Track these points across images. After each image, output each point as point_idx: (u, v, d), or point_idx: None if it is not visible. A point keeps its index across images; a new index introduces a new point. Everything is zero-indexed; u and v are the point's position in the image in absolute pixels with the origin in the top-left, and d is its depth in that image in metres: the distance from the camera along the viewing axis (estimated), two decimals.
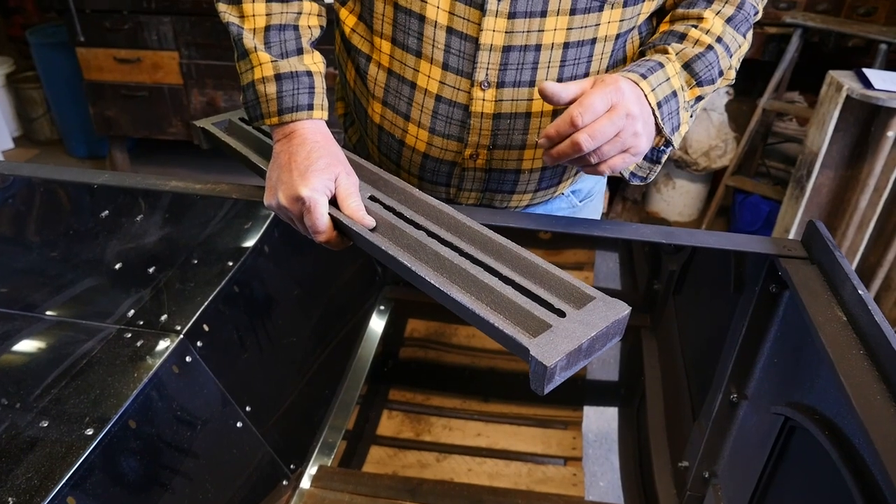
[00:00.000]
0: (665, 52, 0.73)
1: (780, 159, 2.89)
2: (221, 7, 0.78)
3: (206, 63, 2.76)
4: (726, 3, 0.76)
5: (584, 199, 0.98)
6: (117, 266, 0.88)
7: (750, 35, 0.79)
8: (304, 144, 0.72)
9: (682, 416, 1.03)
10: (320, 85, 0.76)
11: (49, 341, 0.79)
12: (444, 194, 0.89)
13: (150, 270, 0.87)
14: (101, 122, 2.97)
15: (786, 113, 2.71)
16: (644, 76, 0.68)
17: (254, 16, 0.75)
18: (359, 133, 0.97)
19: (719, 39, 0.75)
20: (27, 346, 0.79)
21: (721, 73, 0.76)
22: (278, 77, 0.73)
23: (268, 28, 0.75)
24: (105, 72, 2.83)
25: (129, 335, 0.78)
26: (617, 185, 2.97)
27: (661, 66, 0.71)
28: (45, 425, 0.65)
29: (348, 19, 0.84)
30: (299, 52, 0.75)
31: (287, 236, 1.06)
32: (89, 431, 0.65)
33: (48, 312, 0.82)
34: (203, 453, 0.82)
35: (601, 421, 1.37)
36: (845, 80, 1.96)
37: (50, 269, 0.90)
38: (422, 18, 0.75)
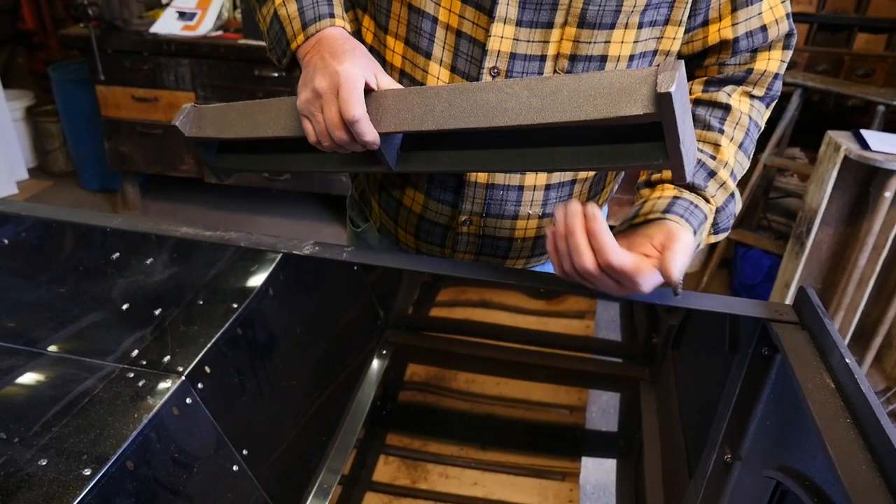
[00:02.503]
0: (706, 199, 0.73)
1: (781, 213, 2.92)
2: None
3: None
4: (737, 125, 0.77)
5: None
6: (124, 306, 0.90)
7: (752, 153, 0.80)
8: (334, 41, 0.72)
9: (678, 473, 1.03)
10: (338, 0, 0.78)
11: (52, 377, 0.80)
12: (439, 254, 0.91)
13: (157, 312, 0.89)
14: (116, 158, 3.04)
15: (787, 169, 2.76)
16: (695, 232, 0.69)
17: None
18: (362, 186, 1.00)
19: (733, 176, 0.76)
20: (30, 381, 0.80)
21: (734, 220, 0.78)
22: None
23: None
24: (122, 109, 2.90)
25: (132, 375, 0.79)
26: None
27: (706, 219, 0.72)
28: (44, 463, 0.66)
29: None
30: None
31: (292, 279, 1.08)
32: (87, 471, 0.65)
33: (53, 348, 0.84)
34: (197, 496, 0.82)
35: (599, 472, 1.36)
36: (843, 141, 1.99)
37: (58, 305, 0.92)
38: (423, 80, 0.78)
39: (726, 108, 0.77)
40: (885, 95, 2.43)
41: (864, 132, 2.03)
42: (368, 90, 0.69)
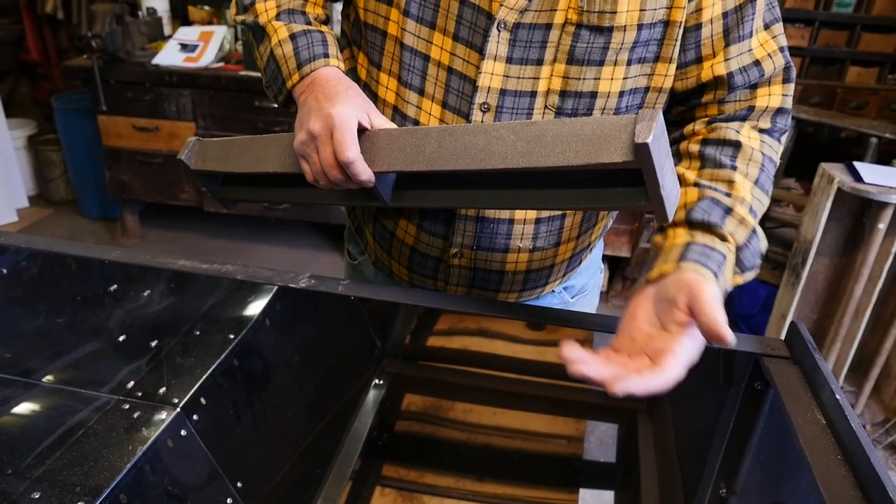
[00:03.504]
0: (724, 238, 0.68)
1: (778, 243, 2.94)
2: (238, 17, 0.85)
3: (221, 134, 2.87)
4: (750, 161, 0.74)
5: (576, 295, 1.00)
6: (121, 338, 0.90)
7: (770, 189, 0.76)
8: (328, 82, 0.74)
9: None
10: (332, 41, 0.80)
11: (47, 408, 0.80)
12: (432, 286, 0.92)
13: (153, 343, 0.89)
14: (116, 186, 3.06)
15: (783, 199, 2.78)
16: (716, 276, 0.64)
17: (266, 10, 0.82)
18: (358, 220, 1.01)
19: (752, 212, 0.72)
20: (25, 412, 0.80)
21: (762, 258, 0.73)
22: (293, 36, 0.78)
23: (278, 14, 0.81)
24: (123, 138, 2.93)
25: (127, 406, 0.79)
26: (617, 264, 3.01)
27: (725, 259, 0.67)
28: (37, 496, 0.66)
29: None
30: (308, 24, 0.82)
31: (289, 310, 1.08)
32: None
33: (49, 379, 0.84)
34: None
35: None
36: (836, 173, 2.02)
37: (55, 336, 0.92)
38: (416, 123, 0.80)
39: (736, 146, 0.75)
40: (878, 127, 2.47)
41: (856, 164, 2.05)
42: (362, 129, 0.71)
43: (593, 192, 0.63)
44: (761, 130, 0.77)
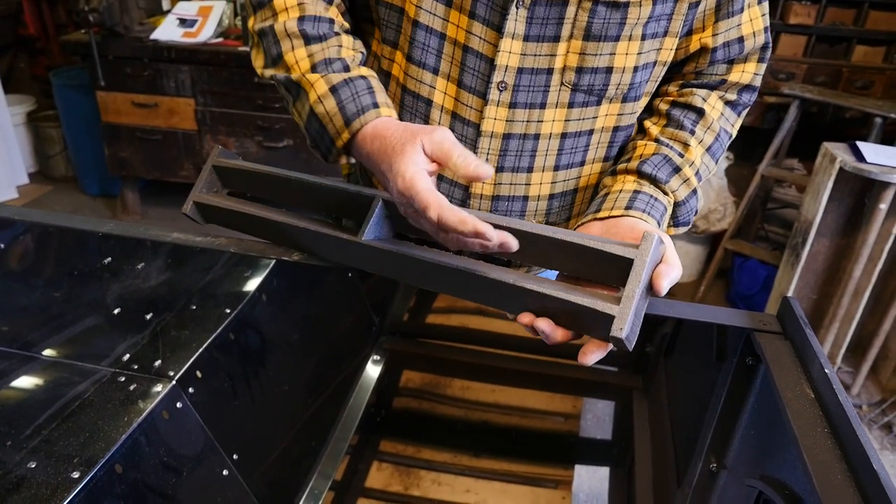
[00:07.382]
0: (665, 192, 0.77)
1: (779, 224, 2.93)
2: (268, 72, 0.78)
3: (220, 111, 2.85)
4: (707, 129, 0.81)
5: None
6: (116, 311, 0.90)
7: (720, 159, 0.84)
8: (385, 142, 0.68)
9: (667, 482, 1.03)
10: (378, 85, 0.75)
11: (44, 381, 0.81)
12: None
13: (148, 316, 0.89)
14: (115, 163, 3.05)
15: (785, 180, 2.76)
16: (659, 224, 0.74)
17: (297, 62, 0.75)
18: None
19: (698, 175, 0.80)
20: (23, 384, 0.80)
21: (695, 215, 0.81)
22: (333, 89, 0.72)
23: (314, 66, 0.74)
24: (122, 115, 2.92)
25: (123, 379, 0.80)
26: None
27: (665, 210, 0.76)
28: (34, 466, 0.66)
29: None
30: (346, 69, 0.75)
31: (286, 285, 1.09)
32: (75, 474, 0.66)
33: (46, 352, 0.84)
34: (186, 501, 0.82)
35: (593, 480, 1.36)
36: (838, 153, 2.00)
37: (53, 310, 0.93)
38: (429, 103, 0.80)
39: (700, 112, 0.81)
40: (883, 108, 2.44)
41: (860, 144, 2.04)
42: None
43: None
44: (727, 102, 0.83)
